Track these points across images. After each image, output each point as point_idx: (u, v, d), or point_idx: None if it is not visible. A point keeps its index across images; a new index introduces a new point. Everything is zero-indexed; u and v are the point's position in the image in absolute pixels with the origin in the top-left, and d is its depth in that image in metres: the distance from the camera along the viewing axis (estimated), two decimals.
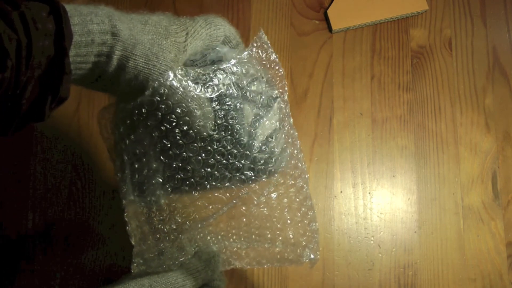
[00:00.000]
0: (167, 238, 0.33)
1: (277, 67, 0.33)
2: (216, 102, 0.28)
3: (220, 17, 0.30)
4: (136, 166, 0.29)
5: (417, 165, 0.58)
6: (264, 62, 0.32)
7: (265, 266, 0.37)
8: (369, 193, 0.57)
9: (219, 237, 0.36)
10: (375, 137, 0.58)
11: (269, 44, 0.32)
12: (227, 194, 0.32)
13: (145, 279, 0.32)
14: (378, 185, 0.57)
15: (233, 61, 0.29)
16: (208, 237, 0.35)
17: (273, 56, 0.33)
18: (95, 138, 0.54)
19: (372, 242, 0.56)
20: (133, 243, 0.33)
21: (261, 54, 0.32)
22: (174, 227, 0.33)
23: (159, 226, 0.33)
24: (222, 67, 0.28)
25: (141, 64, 0.25)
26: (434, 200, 0.57)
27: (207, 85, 0.28)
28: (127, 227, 0.32)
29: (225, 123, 0.29)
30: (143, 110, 0.27)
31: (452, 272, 0.56)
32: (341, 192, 0.56)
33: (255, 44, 0.32)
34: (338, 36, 0.61)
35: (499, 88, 0.61)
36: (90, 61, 0.24)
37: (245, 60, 0.29)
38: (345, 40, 0.61)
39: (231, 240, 0.36)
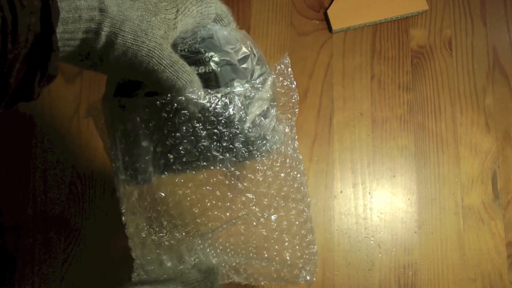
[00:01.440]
0: (168, 252, 0.33)
1: (291, 93, 0.33)
2: (224, 126, 0.28)
3: None
4: (128, 144, 0.29)
5: (417, 165, 0.58)
6: (279, 89, 0.32)
7: (262, 283, 0.37)
8: (369, 193, 0.57)
9: (218, 251, 0.36)
10: (375, 137, 0.58)
11: (290, 71, 0.32)
12: (227, 213, 0.32)
13: (146, 287, 0.32)
14: (378, 185, 0.57)
15: (246, 85, 0.28)
16: (208, 250, 0.35)
17: (291, 84, 0.32)
18: (95, 138, 0.54)
19: (372, 242, 0.56)
20: (134, 257, 0.33)
21: (277, 80, 0.32)
22: (174, 243, 0.33)
23: (159, 242, 0.33)
24: (234, 91, 0.28)
25: (129, 41, 0.25)
26: (434, 200, 0.57)
27: (217, 107, 0.28)
28: (129, 242, 0.32)
29: (230, 145, 0.29)
30: (150, 125, 0.27)
31: (452, 272, 0.56)
32: (341, 192, 0.56)
33: (273, 72, 0.31)
34: (338, 36, 0.61)
35: (499, 88, 0.61)
36: (78, 37, 0.24)
37: (259, 86, 0.29)
38: (345, 40, 0.60)
39: (230, 255, 0.36)
